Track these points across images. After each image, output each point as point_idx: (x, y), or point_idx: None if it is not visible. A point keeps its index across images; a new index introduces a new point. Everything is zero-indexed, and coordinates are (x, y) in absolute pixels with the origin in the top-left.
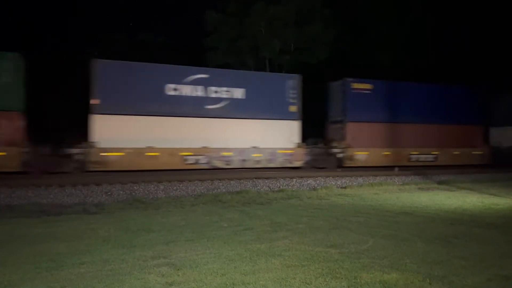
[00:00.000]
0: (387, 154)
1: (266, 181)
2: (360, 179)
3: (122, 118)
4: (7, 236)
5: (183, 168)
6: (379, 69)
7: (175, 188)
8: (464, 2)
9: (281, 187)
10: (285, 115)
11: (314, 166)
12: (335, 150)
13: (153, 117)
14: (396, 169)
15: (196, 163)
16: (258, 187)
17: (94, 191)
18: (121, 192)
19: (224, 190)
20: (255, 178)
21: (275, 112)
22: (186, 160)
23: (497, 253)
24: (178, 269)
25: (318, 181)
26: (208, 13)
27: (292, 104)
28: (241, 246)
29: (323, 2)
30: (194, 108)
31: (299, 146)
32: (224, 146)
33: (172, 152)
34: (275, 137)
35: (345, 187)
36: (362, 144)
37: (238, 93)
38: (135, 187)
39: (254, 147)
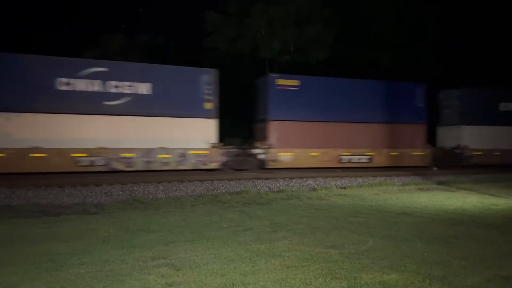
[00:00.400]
0: (315, 155)
1: (266, 182)
2: (360, 180)
3: (3, 115)
4: (7, 236)
5: (76, 171)
6: (379, 69)
7: (174, 188)
8: (464, 3)
9: (281, 187)
10: (198, 113)
11: (233, 168)
12: (255, 151)
13: (41, 114)
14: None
15: (91, 165)
16: (258, 188)
17: (94, 191)
18: (121, 192)
19: (224, 190)
20: (255, 179)
21: (186, 109)
22: (79, 161)
23: (497, 253)
24: (178, 270)
25: (318, 182)
26: (208, 13)
27: (207, 101)
28: (241, 247)
29: (323, 3)
30: (90, 105)
31: (214, 146)
32: (125, 147)
33: (62, 153)
34: (186, 136)
35: (345, 188)
36: (287, 144)
37: (143, 88)
38: (134, 188)
39: (161, 148)
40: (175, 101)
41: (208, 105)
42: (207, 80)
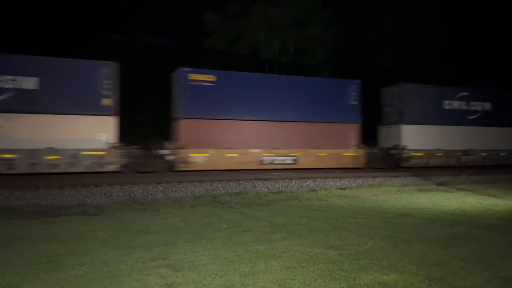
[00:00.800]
0: (233, 156)
1: (265, 182)
2: (359, 180)
3: None
4: (6, 237)
5: None
6: (379, 71)
7: (174, 189)
8: (465, 2)
9: (280, 188)
10: (94, 110)
11: (137, 170)
12: (163, 152)
13: None
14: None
15: None
16: (257, 188)
17: (93, 192)
18: (120, 193)
19: (223, 191)
20: (254, 179)
21: (80, 105)
22: None
23: (497, 254)
24: (177, 271)
25: (317, 182)
26: (207, 14)
27: (106, 96)
28: (240, 248)
29: (322, 3)
30: None
31: (113, 147)
32: (4, 147)
33: None
34: (79, 136)
35: (344, 188)
36: (200, 144)
37: (29, 82)
38: (134, 189)
39: (50, 148)
40: (66, 96)
41: (107, 101)
42: (106, 74)
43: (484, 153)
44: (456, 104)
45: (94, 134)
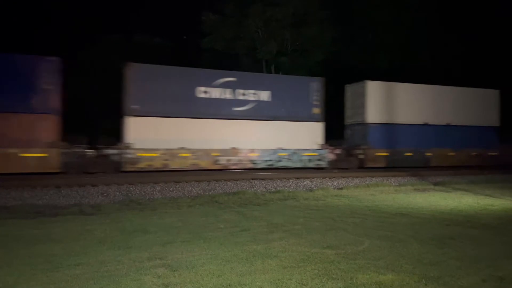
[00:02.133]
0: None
1: (263, 182)
2: (357, 180)
3: None
4: (3, 237)
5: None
6: (376, 71)
7: (171, 189)
8: (462, 3)
9: (277, 188)
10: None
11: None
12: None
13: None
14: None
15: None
16: (255, 188)
17: (90, 192)
18: (118, 193)
19: (220, 191)
20: (252, 179)
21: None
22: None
23: (492, 254)
24: (174, 270)
25: (314, 182)
26: (205, 14)
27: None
28: (237, 247)
29: (320, 4)
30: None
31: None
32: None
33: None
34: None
35: (341, 188)
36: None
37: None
38: (131, 188)
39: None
40: None
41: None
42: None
43: (255, 153)
44: (216, 93)
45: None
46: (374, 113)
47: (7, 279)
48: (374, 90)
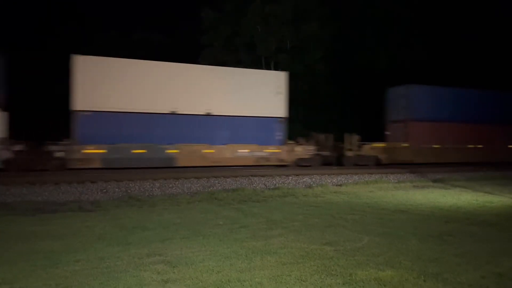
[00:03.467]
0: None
1: (262, 179)
2: (356, 177)
3: None
4: (2, 233)
5: None
6: (375, 68)
7: (170, 185)
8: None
9: (277, 184)
10: None
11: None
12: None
13: None
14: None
15: None
16: (254, 185)
17: (90, 188)
18: (117, 189)
19: (220, 187)
20: (251, 176)
21: None
22: None
23: (491, 250)
24: (173, 267)
25: (313, 179)
26: (204, 10)
27: None
28: (236, 244)
29: (319, 1)
30: None
31: None
32: None
33: None
34: None
35: (340, 185)
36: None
37: None
38: (130, 185)
39: None
40: None
41: None
42: None
43: None
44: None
45: None
46: (84, 97)
47: (7, 276)
48: (86, 67)
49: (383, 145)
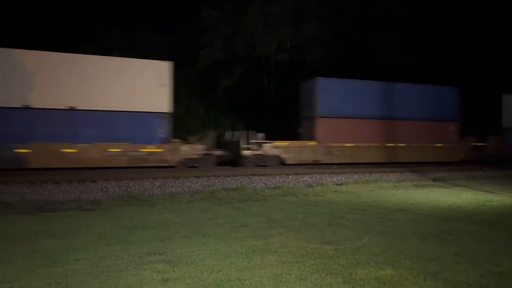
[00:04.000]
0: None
1: (262, 178)
2: (356, 176)
3: None
4: (2, 233)
5: None
6: (375, 68)
7: (171, 184)
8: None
9: (277, 184)
10: None
11: None
12: None
13: None
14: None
15: None
16: (254, 184)
17: (90, 187)
18: (117, 188)
19: (220, 187)
20: (251, 175)
21: None
22: None
23: (491, 249)
24: (173, 266)
25: (314, 178)
26: (204, 10)
27: None
28: (236, 243)
29: (319, 1)
30: None
31: None
32: None
33: None
34: None
35: (340, 184)
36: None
37: None
38: (130, 184)
39: None
40: None
41: None
42: None
43: None
44: None
45: None
46: None
47: (7, 275)
48: None
49: (286, 143)
